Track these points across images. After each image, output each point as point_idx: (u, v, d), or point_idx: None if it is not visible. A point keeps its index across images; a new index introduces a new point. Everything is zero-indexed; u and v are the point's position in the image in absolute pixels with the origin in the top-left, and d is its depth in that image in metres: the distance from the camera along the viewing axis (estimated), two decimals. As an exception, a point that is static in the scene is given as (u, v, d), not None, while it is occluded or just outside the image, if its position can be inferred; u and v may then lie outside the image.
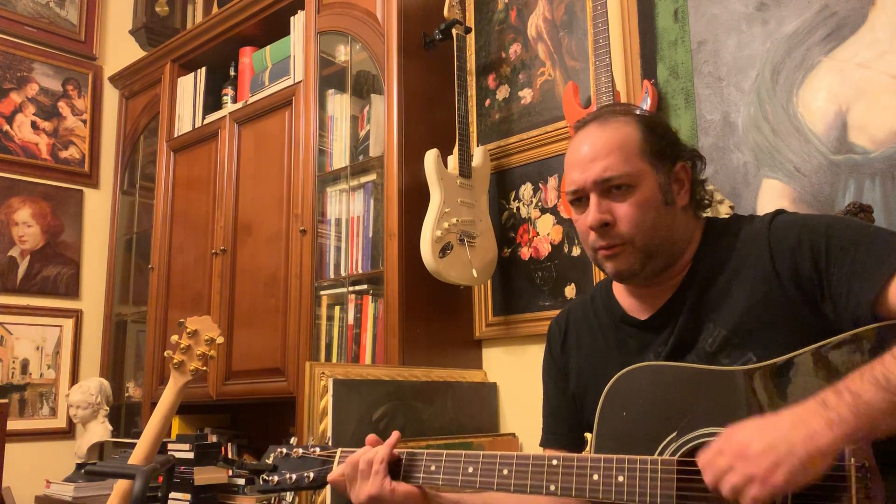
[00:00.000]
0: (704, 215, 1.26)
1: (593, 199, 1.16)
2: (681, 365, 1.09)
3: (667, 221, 1.16)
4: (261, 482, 1.27)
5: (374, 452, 1.19)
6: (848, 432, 0.85)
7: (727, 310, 1.11)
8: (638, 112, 1.24)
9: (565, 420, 1.33)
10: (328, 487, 1.75)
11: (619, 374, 1.12)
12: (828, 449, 0.85)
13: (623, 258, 1.16)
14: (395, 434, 1.22)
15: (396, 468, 1.19)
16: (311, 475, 1.25)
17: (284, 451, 1.29)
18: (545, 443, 1.35)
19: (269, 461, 1.29)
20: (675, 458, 1.01)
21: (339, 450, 1.26)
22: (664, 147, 1.18)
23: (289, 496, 2.20)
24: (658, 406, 1.07)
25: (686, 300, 1.16)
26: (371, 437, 1.23)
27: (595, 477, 1.02)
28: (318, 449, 1.28)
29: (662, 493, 0.97)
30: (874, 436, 0.88)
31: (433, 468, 1.17)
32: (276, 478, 1.26)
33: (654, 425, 1.05)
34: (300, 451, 1.28)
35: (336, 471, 1.23)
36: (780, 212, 1.16)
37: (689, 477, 0.97)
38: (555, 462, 1.06)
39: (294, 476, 1.26)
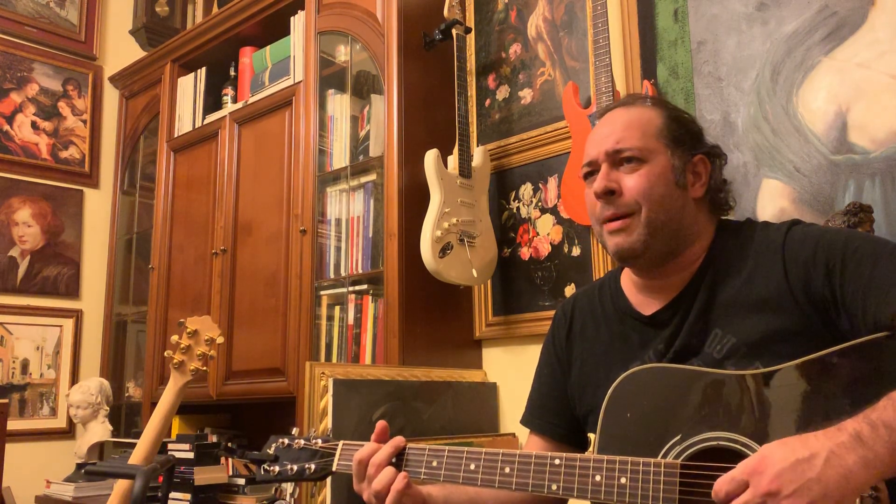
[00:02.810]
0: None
1: (603, 168, 1.19)
2: (686, 368, 1.08)
3: (676, 202, 1.17)
4: (262, 472, 1.26)
5: (383, 475, 1.15)
6: (882, 471, 0.84)
7: (737, 318, 1.10)
8: (666, 103, 1.27)
9: (550, 408, 1.34)
10: (329, 479, 1.75)
11: (623, 375, 1.11)
12: (860, 488, 0.84)
13: (626, 233, 1.16)
14: (398, 442, 1.19)
15: (398, 459, 1.19)
16: (313, 467, 1.25)
17: (286, 441, 1.28)
18: (528, 423, 1.37)
19: (271, 451, 1.28)
20: (679, 461, 1.00)
21: (342, 442, 1.25)
22: (685, 135, 1.20)
23: (289, 487, 2.20)
24: (662, 408, 1.06)
25: (693, 302, 1.15)
26: (377, 432, 1.21)
27: (597, 478, 1.02)
28: (319, 441, 1.27)
29: (665, 497, 0.97)
30: None
31: (435, 464, 1.16)
32: (276, 468, 1.26)
33: (658, 428, 1.05)
34: (302, 442, 1.27)
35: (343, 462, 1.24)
36: (796, 222, 1.16)
37: (693, 480, 0.96)
38: (557, 461, 1.06)
39: (295, 467, 1.25)
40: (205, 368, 1.65)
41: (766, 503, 0.84)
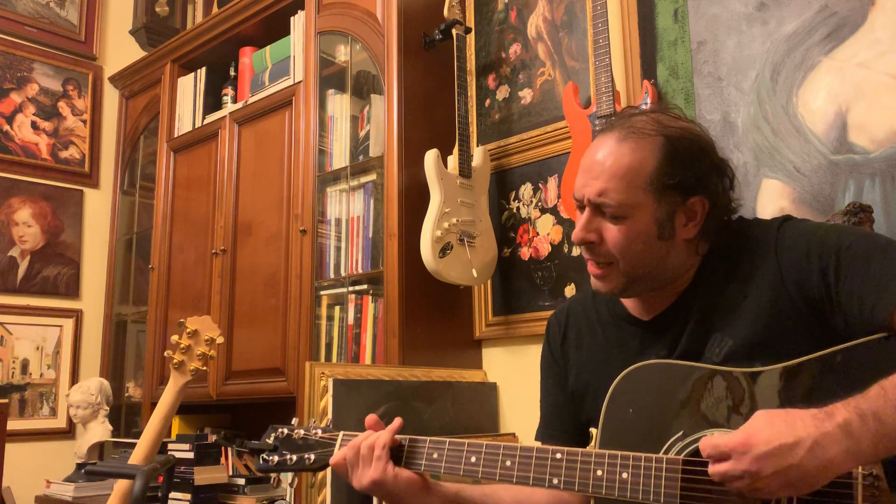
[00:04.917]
0: None
1: (586, 213, 1.16)
2: (689, 364, 1.08)
3: (657, 254, 1.14)
4: (261, 462, 1.25)
5: (375, 437, 1.17)
6: (863, 461, 0.86)
7: (734, 320, 1.10)
8: (673, 130, 1.14)
9: (564, 416, 1.33)
10: (328, 471, 1.74)
11: (626, 371, 1.11)
12: (837, 474, 0.87)
13: (606, 281, 1.17)
14: (398, 420, 1.20)
15: (398, 454, 1.18)
16: (313, 457, 1.24)
17: (285, 431, 1.27)
18: (542, 437, 1.35)
19: (270, 441, 1.26)
20: (681, 457, 1.00)
21: (342, 433, 1.25)
22: (681, 180, 1.11)
23: (288, 477, 2.19)
24: (665, 405, 1.06)
25: (692, 307, 1.15)
26: (370, 417, 1.22)
27: (599, 472, 1.02)
28: (319, 431, 1.26)
29: (666, 492, 0.97)
30: (888, 457, 0.88)
31: (435, 456, 1.16)
32: (276, 458, 1.24)
33: (661, 424, 1.05)
34: (301, 432, 1.26)
35: (338, 454, 1.21)
36: (787, 218, 1.15)
37: (694, 476, 0.96)
38: (558, 455, 1.06)
39: (295, 457, 1.24)
40: (205, 368, 1.66)
41: (745, 476, 0.87)
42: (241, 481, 2.54)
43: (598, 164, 1.14)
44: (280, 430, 1.28)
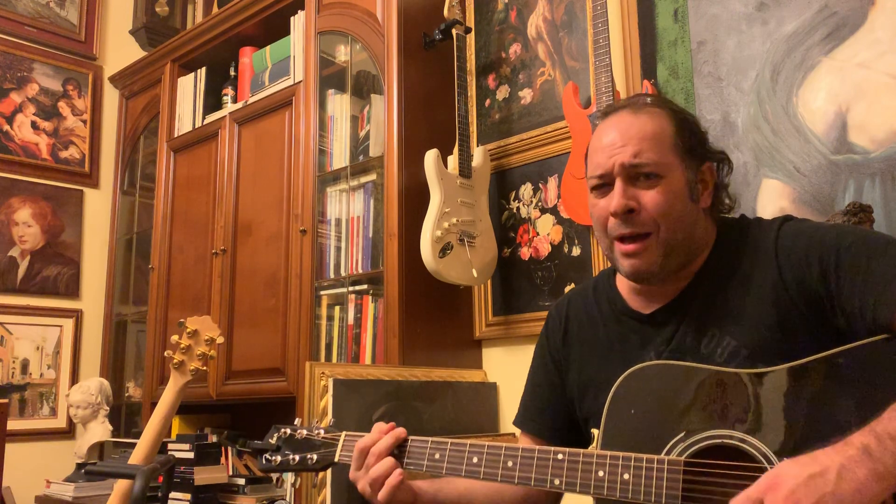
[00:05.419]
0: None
1: (619, 184, 1.14)
2: (692, 365, 1.07)
3: (691, 217, 1.15)
4: (263, 461, 1.25)
5: (385, 470, 1.16)
6: (891, 481, 0.84)
7: (736, 321, 1.10)
8: (673, 105, 1.22)
9: (545, 410, 1.33)
10: (330, 478, 1.75)
11: (628, 371, 1.11)
12: (873, 501, 0.84)
13: (644, 256, 1.13)
14: (397, 473, 1.18)
15: (399, 452, 1.19)
16: (315, 457, 1.24)
17: (288, 431, 1.27)
18: (521, 424, 1.36)
19: (273, 441, 1.27)
20: (683, 458, 1.00)
21: (344, 433, 1.25)
22: (694, 144, 1.17)
23: (290, 477, 2.19)
24: (667, 405, 1.06)
25: (692, 303, 1.15)
26: (380, 427, 1.22)
27: (600, 473, 1.02)
28: (322, 431, 1.26)
29: (668, 493, 0.97)
30: None
31: (437, 456, 1.16)
32: (278, 458, 1.25)
33: (663, 424, 1.05)
34: (304, 432, 1.26)
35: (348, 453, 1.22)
36: (787, 218, 1.15)
37: (696, 478, 0.96)
38: (560, 456, 1.06)
39: (297, 457, 1.24)
40: (205, 368, 1.66)
41: None
42: (241, 481, 2.54)
43: (622, 134, 1.15)
44: (283, 430, 1.28)
